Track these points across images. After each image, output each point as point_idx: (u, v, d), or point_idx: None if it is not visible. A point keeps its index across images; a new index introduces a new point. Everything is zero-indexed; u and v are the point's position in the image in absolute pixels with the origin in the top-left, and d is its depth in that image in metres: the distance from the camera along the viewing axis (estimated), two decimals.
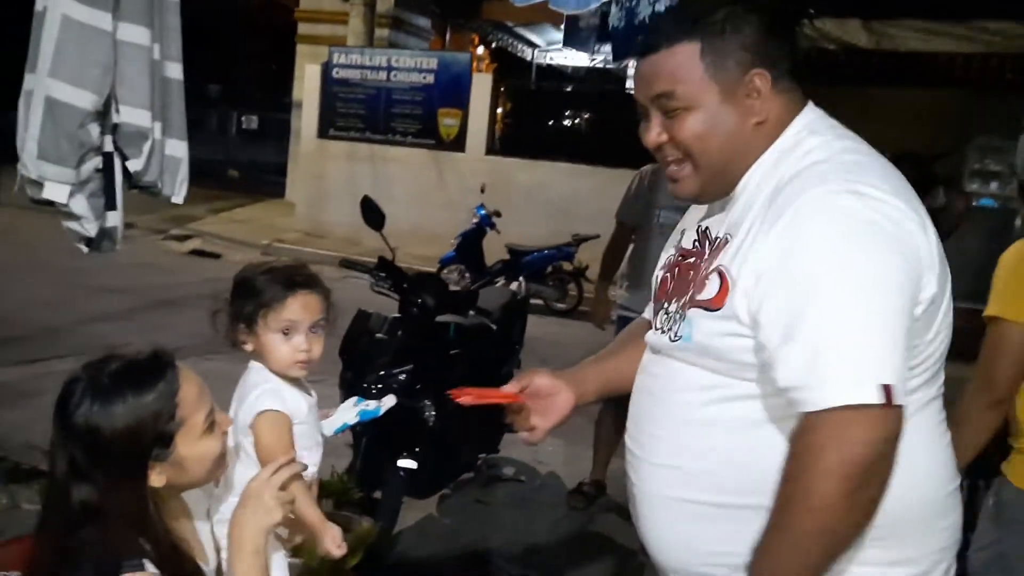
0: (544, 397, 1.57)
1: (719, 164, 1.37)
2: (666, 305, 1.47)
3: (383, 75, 11.26)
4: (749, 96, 1.34)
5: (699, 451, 1.35)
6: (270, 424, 1.63)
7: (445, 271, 8.25)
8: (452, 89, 10.96)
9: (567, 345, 7.05)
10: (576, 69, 16.13)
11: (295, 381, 1.73)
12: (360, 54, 11.50)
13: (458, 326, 3.55)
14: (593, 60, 15.32)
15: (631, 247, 4.09)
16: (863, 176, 1.25)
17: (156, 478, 1.26)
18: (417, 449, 3.34)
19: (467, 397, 1.51)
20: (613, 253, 4.16)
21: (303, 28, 14.14)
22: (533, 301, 8.14)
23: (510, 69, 13.80)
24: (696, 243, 1.47)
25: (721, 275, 1.31)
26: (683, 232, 1.57)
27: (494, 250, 8.43)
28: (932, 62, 8.46)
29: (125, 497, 1.22)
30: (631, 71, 12.21)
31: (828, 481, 1.15)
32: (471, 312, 3.72)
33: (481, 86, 10.99)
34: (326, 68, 11.54)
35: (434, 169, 11.05)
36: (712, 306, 1.31)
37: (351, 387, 3.41)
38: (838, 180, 1.25)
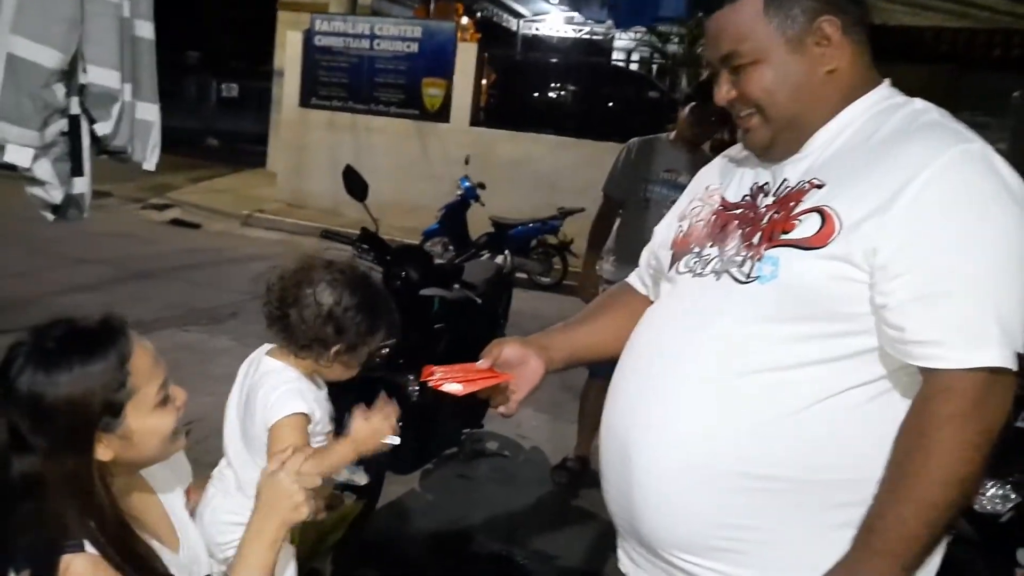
0: (514, 367, 1.52)
1: (789, 115, 1.33)
2: (702, 250, 1.40)
3: (366, 43, 11.07)
4: (819, 44, 1.31)
5: (745, 413, 1.26)
6: (292, 428, 1.54)
7: (428, 243, 8.15)
8: (436, 59, 10.79)
9: (552, 319, 6.96)
10: (562, 40, 15.95)
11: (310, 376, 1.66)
12: (343, 21, 11.29)
13: (443, 300, 3.49)
14: (579, 31, 15.15)
15: (618, 221, 4.03)
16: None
17: (103, 451, 1.18)
18: (400, 424, 3.28)
19: (453, 385, 1.44)
20: (600, 226, 4.10)
21: None
22: (518, 275, 8.08)
23: (495, 39, 13.64)
24: (747, 197, 1.41)
25: (823, 215, 1.25)
26: (709, 189, 1.52)
27: (478, 223, 8.34)
28: (920, 37, 8.41)
29: (69, 470, 1.15)
30: (619, 42, 12.08)
31: (972, 450, 1.15)
32: (456, 286, 3.66)
33: (466, 56, 10.83)
34: (308, 36, 11.33)
35: (417, 140, 10.91)
36: (812, 244, 1.24)
37: None
38: (978, 141, 1.24)
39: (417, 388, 3.28)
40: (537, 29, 16.12)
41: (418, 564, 3.27)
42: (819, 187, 1.28)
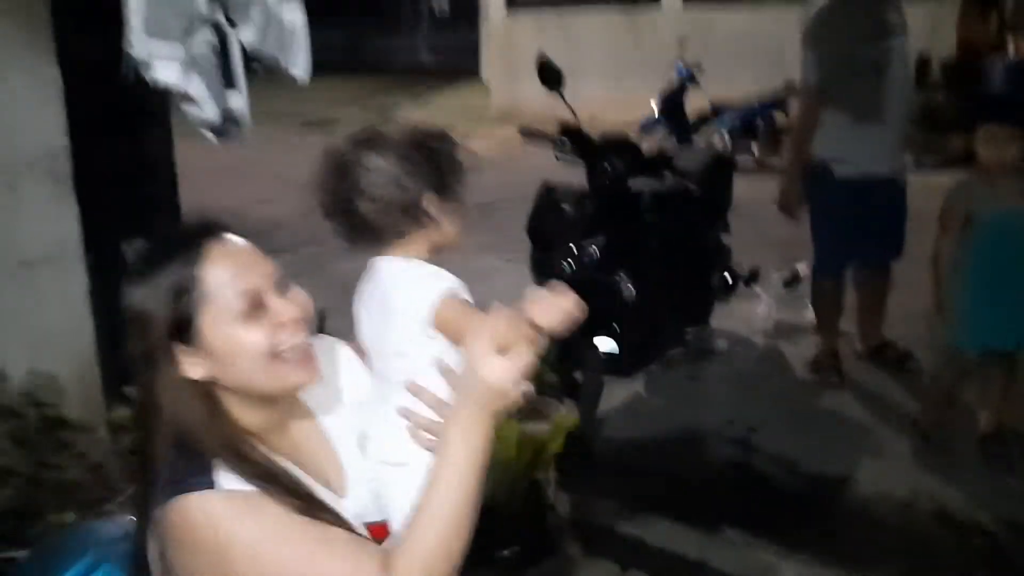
0: None
1: None
2: None
3: None
4: None
5: None
6: (455, 310, 1.26)
7: (646, 136, 7.77)
8: None
9: None
10: None
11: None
12: None
13: (653, 192, 3.21)
14: None
15: (826, 108, 3.44)
16: None
17: (191, 367, 1.05)
18: (615, 326, 3.10)
19: None
20: (807, 126, 3.50)
21: None
22: (742, 158, 7.50)
23: None
24: None
25: None
26: None
27: (699, 109, 7.81)
28: None
29: (165, 388, 1.05)
30: None
31: None
32: (667, 175, 3.35)
33: None
34: None
35: (628, 29, 10.37)
36: None
37: (541, 267, 3.21)
38: None
39: (631, 287, 3.06)
40: None
41: (645, 472, 3.11)
42: None
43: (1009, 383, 3.07)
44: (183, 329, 1.04)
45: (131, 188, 2.36)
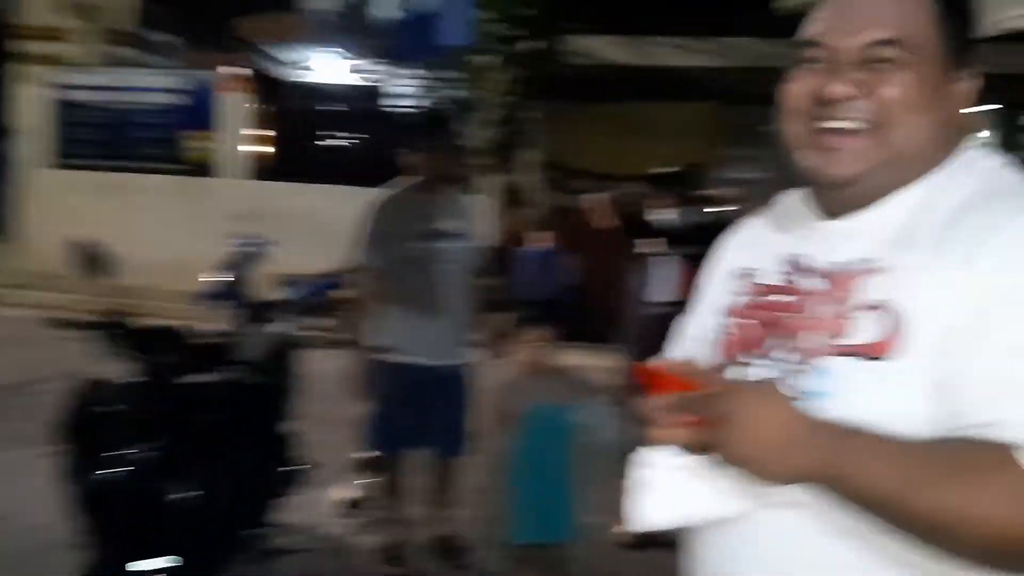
0: None
1: (905, 147, 1.04)
2: (746, 359, 1.09)
3: (122, 96, 10.18)
4: (964, 79, 1.08)
5: None
6: None
7: (207, 310, 7.40)
8: (200, 111, 10.08)
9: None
10: (336, 87, 15.56)
11: None
12: (95, 74, 10.33)
13: (208, 385, 2.97)
14: (358, 77, 14.83)
15: (385, 288, 3.63)
16: None
17: None
18: (169, 540, 2.73)
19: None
20: (365, 317, 3.67)
21: (23, 46, 12.46)
22: (313, 334, 7.50)
23: (266, 89, 13.05)
24: (789, 276, 1.10)
25: (888, 311, 0.97)
26: (743, 272, 1.18)
27: (265, 282, 7.71)
28: (687, 77, 8.85)
29: None
30: (394, 87, 11.81)
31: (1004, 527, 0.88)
32: (223, 365, 3.14)
33: (233, 107, 10.20)
34: (53, 90, 10.25)
35: (188, 197, 10.07)
36: (874, 353, 0.97)
37: (78, 472, 2.74)
38: None
39: (185, 495, 2.73)
40: (309, 78, 15.61)
41: None
42: (885, 271, 1.01)
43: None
44: None
45: None
